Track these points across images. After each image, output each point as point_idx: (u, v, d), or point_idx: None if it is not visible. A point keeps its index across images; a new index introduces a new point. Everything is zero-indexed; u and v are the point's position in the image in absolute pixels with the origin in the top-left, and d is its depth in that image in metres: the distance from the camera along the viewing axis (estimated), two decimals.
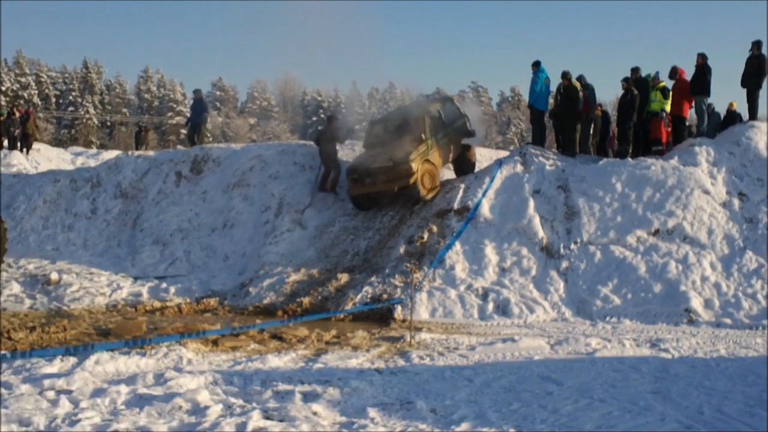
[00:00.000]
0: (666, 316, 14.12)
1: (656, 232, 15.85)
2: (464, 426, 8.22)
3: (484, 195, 17.14)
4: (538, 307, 14.70)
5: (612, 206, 16.51)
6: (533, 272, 15.56)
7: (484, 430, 8.10)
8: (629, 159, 17.85)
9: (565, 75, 18.30)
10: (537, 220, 16.51)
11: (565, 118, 18.60)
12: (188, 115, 23.74)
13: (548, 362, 11.33)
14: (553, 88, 19.16)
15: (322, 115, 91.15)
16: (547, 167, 17.83)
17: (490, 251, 16.02)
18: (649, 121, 18.27)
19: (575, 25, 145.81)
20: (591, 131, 19.29)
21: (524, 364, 11.21)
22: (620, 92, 18.76)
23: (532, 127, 19.94)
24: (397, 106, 21.88)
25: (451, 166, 20.43)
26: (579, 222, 16.34)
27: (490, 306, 14.72)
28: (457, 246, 16.11)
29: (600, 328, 13.77)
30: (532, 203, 16.91)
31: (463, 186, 17.86)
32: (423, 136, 18.12)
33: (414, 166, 17.45)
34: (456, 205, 17.14)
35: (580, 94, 18.27)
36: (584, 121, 18.86)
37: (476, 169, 20.11)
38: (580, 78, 18.73)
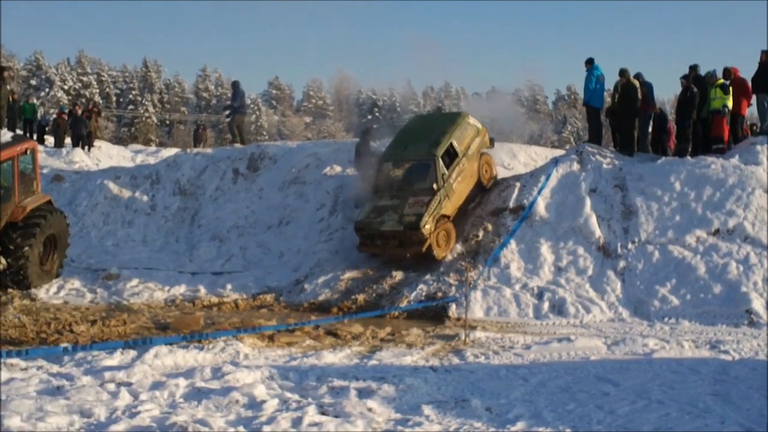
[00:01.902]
0: (726, 318, 13.85)
1: (716, 232, 15.56)
2: (520, 425, 8.17)
3: (539, 193, 17.01)
4: (594, 307, 14.54)
5: (671, 205, 16.25)
6: (590, 272, 15.39)
7: (539, 429, 8.05)
8: (688, 157, 17.55)
9: (623, 72, 18.06)
10: (594, 219, 16.34)
11: (622, 116, 18.35)
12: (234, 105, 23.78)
13: (605, 363, 11.20)
14: (609, 85, 18.93)
15: (377, 114, 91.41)
16: (604, 166, 17.62)
17: (545, 250, 15.89)
18: (708, 119, 17.94)
19: (631, 22, 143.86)
20: (649, 129, 19.01)
21: (580, 365, 11.10)
22: (677, 91, 18.45)
23: (589, 125, 19.71)
24: (409, 131, 18.50)
25: None
26: (637, 221, 16.12)
27: (546, 305, 14.61)
28: (513, 244, 16.02)
29: (658, 328, 13.57)
30: (588, 202, 16.73)
31: (518, 184, 17.75)
32: (435, 186, 16.37)
33: (427, 230, 15.86)
34: (511, 204, 17.04)
35: (638, 91, 18.01)
36: (642, 119, 18.59)
37: (524, 170, 19.87)
38: (637, 75, 18.46)
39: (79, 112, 29.31)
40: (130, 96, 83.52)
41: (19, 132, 26.45)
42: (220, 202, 19.83)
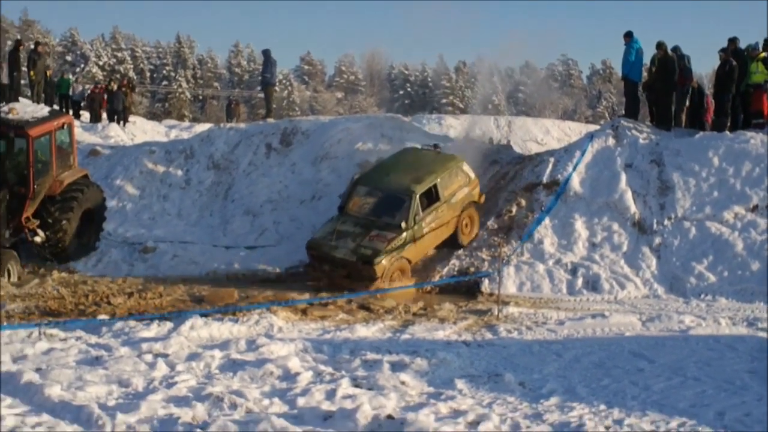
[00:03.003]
0: (764, 295, 13.68)
1: (755, 208, 15.37)
2: (553, 400, 8.18)
3: (574, 169, 16.87)
4: (629, 283, 14.46)
5: (708, 181, 16.06)
6: (624, 248, 15.29)
7: (573, 404, 8.05)
8: (727, 132, 17.30)
9: (661, 45, 17.80)
10: (629, 195, 16.19)
11: (660, 90, 18.09)
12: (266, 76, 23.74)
13: (639, 339, 11.17)
14: (646, 59, 18.67)
15: (409, 89, 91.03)
16: (641, 141, 17.42)
17: (579, 226, 15.79)
18: (747, 93, 17.65)
19: None
20: (687, 104, 18.75)
21: (615, 341, 11.08)
22: (715, 64, 18.16)
23: (626, 99, 19.46)
24: (397, 161, 16.52)
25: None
26: (673, 197, 15.95)
27: (580, 281, 14.55)
28: (546, 220, 15.93)
29: (694, 305, 13.47)
30: (624, 177, 16.57)
31: (552, 159, 17.60)
32: (403, 224, 14.71)
33: (380, 269, 14.23)
34: (545, 179, 16.91)
35: (676, 65, 17.75)
36: (679, 93, 18.33)
37: (557, 146, 19.58)
38: (675, 49, 18.17)
39: (115, 87, 29.50)
40: (164, 71, 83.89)
41: (55, 107, 26.70)
42: (254, 176, 19.89)
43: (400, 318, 12.32)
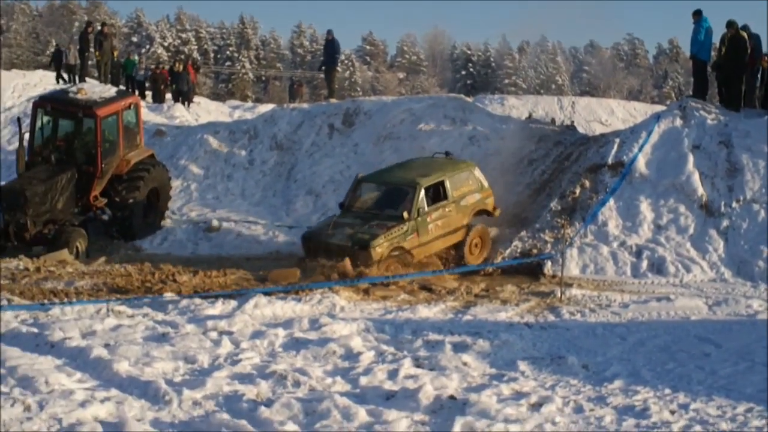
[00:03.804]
0: None
1: None
2: (617, 383, 8.10)
3: (640, 150, 16.56)
4: (695, 266, 14.19)
5: None
6: (691, 230, 14.99)
7: (637, 388, 7.96)
8: None
9: (731, 24, 17.33)
10: (696, 177, 15.84)
11: (729, 70, 17.63)
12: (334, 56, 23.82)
13: (706, 323, 10.98)
14: (715, 39, 18.21)
15: (471, 69, 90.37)
16: (709, 121, 17.02)
17: (645, 208, 15.53)
18: None
19: None
20: (757, 84, 18.25)
21: (680, 324, 10.92)
22: None
23: (694, 79, 19.03)
24: (406, 164, 15.98)
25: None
26: (742, 179, 15.57)
27: (644, 264, 14.33)
28: (611, 202, 15.69)
29: (762, 290, 13.16)
30: (691, 159, 16.21)
31: (617, 140, 17.31)
32: (406, 214, 13.95)
33: (377, 253, 13.46)
34: (610, 160, 16.63)
35: (747, 44, 17.28)
36: (750, 73, 17.85)
37: (622, 126, 19.26)
38: (745, 27, 17.68)
39: (180, 68, 29.89)
40: (227, 52, 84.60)
41: (121, 87, 27.17)
42: (316, 157, 20.02)
43: (461, 299, 12.30)
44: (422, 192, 14.21)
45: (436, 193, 14.56)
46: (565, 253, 13.80)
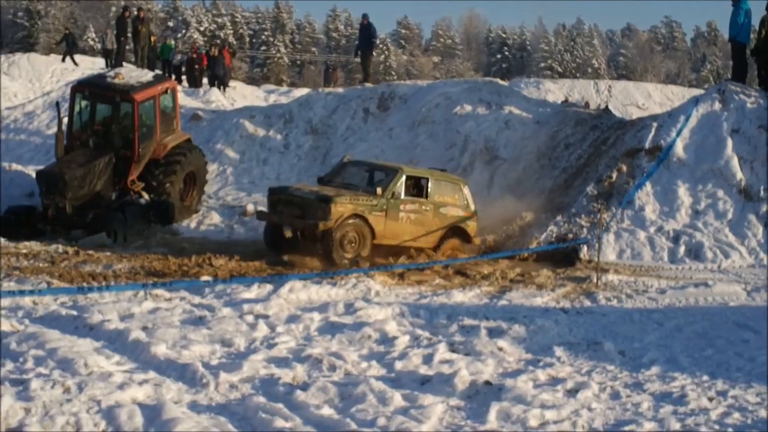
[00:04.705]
0: None
1: None
2: (654, 369, 8.03)
3: (678, 134, 16.34)
4: (733, 252, 14.02)
5: None
6: (729, 215, 14.80)
7: (675, 374, 7.89)
8: None
9: None
10: (735, 161, 15.62)
11: None
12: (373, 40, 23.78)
13: (744, 309, 10.86)
14: (755, 21, 17.88)
15: (507, 53, 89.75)
16: (748, 105, 16.74)
17: (682, 193, 15.35)
18: None
19: None
20: None
21: (718, 310, 10.80)
22: None
23: (733, 62, 18.72)
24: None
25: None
26: None
27: (682, 249, 14.19)
28: (648, 186, 15.53)
29: None
30: (730, 143, 15.97)
31: (655, 124, 17.09)
32: (379, 190, 13.59)
33: (337, 211, 12.95)
34: (647, 144, 16.44)
35: None
36: None
37: (659, 110, 18.96)
38: None
39: (216, 52, 30.03)
40: (263, 37, 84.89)
41: (157, 72, 27.36)
42: (351, 141, 20.03)
43: (496, 284, 12.25)
44: (403, 177, 13.93)
45: (417, 188, 14.21)
46: (601, 238, 13.70)
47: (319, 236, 13.11)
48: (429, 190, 14.22)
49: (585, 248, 14.14)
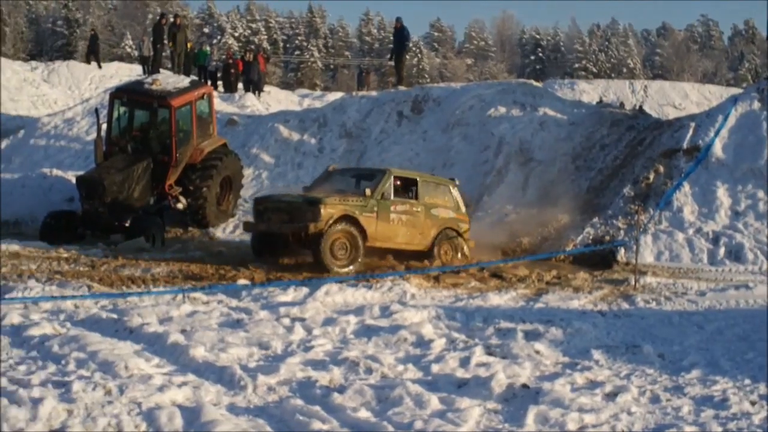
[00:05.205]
0: None
1: None
2: (695, 373, 7.93)
3: (716, 134, 16.16)
4: None
5: None
6: None
7: (716, 378, 7.78)
8: None
9: None
10: None
11: None
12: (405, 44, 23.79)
13: None
14: None
15: (540, 54, 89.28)
16: None
17: (722, 193, 15.18)
18: None
19: None
20: None
21: (759, 313, 10.65)
22: None
23: None
24: None
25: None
26: None
27: (722, 251, 14.03)
28: (686, 187, 15.37)
29: None
30: None
31: (693, 124, 16.92)
32: (368, 191, 13.32)
33: (326, 212, 12.67)
34: (685, 145, 16.28)
35: None
36: None
37: (696, 110, 18.76)
38: None
39: (251, 58, 30.22)
40: (296, 41, 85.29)
41: (193, 78, 27.61)
42: (385, 144, 20.05)
43: (533, 287, 12.20)
44: (391, 178, 13.70)
45: (406, 190, 14.03)
46: (639, 240, 13.58)
47: (309, 239, 12.80)
48: (419, 191, 14.01)
49: (622, 250, 14.03)
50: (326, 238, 12.63)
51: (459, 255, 14.23)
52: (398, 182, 13.87)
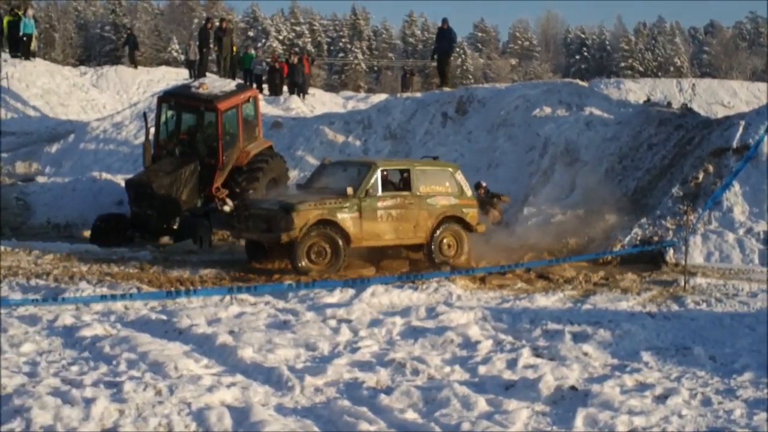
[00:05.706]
0: None
1: None
2: (747, 375, 7.81)
3: (767, 132, 15.88)
4: None
5: None
6: None
7: None
8: None
9: None
10: None
11: None
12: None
13: None
14: None
15: (586, 53, 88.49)
16: None
17: None
18: None
19: None
20: None
21: None
22: None
23: None
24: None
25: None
26: None
27: None
28: (736, 186, 15.12)
29: None
30: None
31: (742, 123, 16.64)
32: (350, 189, 12.79)
33: (300, 218, 12.30)
34: (735, 143, 16.01)
35: None
36: None
37: (746, 109, 18.40)
38: None
39: (295, 60, 30.40)
40: (340, 44, 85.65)
41: (239, 81, 27.85)
42: (430, 145, 20.01)
43: (580, 288, 12.09)
44: (377, 173, 13.17)
45: (398, 182, 13.62)
46: (688, 241, 13.39)
47: (286, 247, 12.54)
48: (412, 181, 13.46)
49: (671, 251, 13.86)
50: (301, 245, 12.39)
51: (465, 246, 13.75)
52: (387, 175, 13.49)
